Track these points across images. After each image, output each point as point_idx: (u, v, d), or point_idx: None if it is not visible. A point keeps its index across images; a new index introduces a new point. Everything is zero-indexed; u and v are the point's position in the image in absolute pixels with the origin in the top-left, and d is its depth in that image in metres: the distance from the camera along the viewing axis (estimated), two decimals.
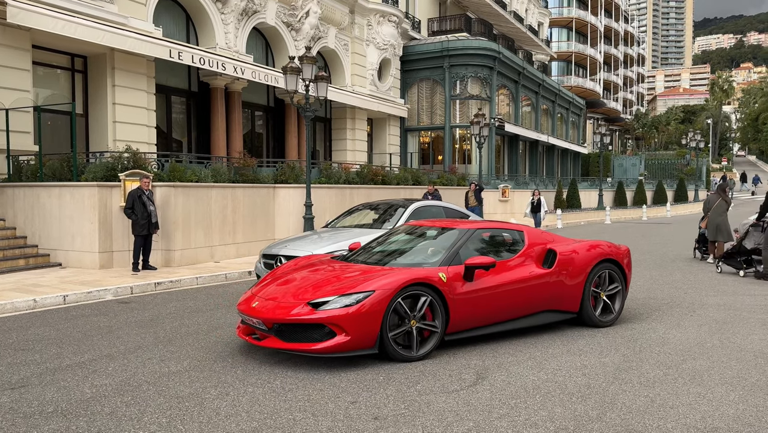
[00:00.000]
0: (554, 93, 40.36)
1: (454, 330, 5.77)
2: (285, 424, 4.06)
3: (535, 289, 6.31)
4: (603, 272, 6.83)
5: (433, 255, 6.23)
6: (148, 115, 15.91)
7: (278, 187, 14.79)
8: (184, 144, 19.05)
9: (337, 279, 5.69)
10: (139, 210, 10.77)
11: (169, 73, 17.76)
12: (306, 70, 13.20)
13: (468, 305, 5.78)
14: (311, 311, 5.22)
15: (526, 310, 6.32)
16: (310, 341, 5.22)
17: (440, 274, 5.68)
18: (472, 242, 6.36)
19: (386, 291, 5.28)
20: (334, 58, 24.07)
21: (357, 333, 5.16)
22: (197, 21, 18.19)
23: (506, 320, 6.18)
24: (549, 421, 4.11)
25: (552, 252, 6.59)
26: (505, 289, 6.07)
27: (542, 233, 6.98)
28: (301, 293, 5.51)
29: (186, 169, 12.91)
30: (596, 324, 6.75)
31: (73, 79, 15.20)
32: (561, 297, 6.52)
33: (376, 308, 5.20)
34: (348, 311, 5.15)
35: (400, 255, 6.50)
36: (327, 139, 25.74)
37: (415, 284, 5.45)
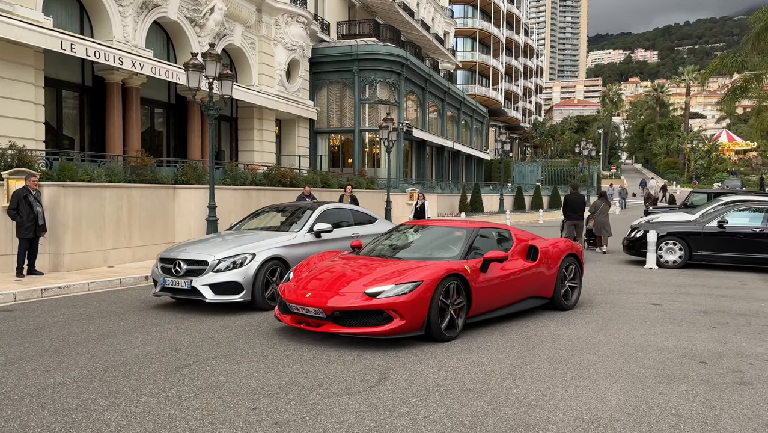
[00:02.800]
0: (459, 101, 41.69)
1: (473, 314, 6.70)
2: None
3: (526, 279, 7.43)
4: (568, 264, 8.16)
5: (446, 250, 7.19)
6: (35, 110, 14.80)
7: (179, 188, 14.23)
8: (76, 141, 17.88)
9: (381, 271, 6.44)
10: (25, 211, 10.01)
11: (61, 67, 16.64)
12: (209, 68, 12.80)
13: (484, 292, 6.74)
14: (369, 299, 5.97)
15: (519, 296, 7.42)
16: (368, 325, 5.98)
17: (465, 266, 6.59)
18: (477, 239, 7.32)
19: (432, 280, 6.11)
20: (241, 57, 23.54)
21: (411, 317, 5.95)
22: (92, 13, 17.16)
23: (506, 305, 7.24)
24: (447, 417, 4.24)
25: (534, 248, 7.75)
26: (508, 279, 7.12)
27: (521, 232, 8.16)
28: (354, 284, 6.23)
29: (77, 168, 12.13)
30: (564, 307, 8.08)
31: None
32: (542, 285, 7.74)
33: (424, 295, 6.02)
34: (404, 298, 5.93)
35: (415, 250, 7.42)
36: (233, 139, 25.09)
37: (450, 275, 6.29)
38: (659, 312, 8.14)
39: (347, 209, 10.94)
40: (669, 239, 13.08)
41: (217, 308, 8.11)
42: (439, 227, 8.08)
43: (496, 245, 7.57)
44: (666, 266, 12.95)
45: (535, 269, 7.57)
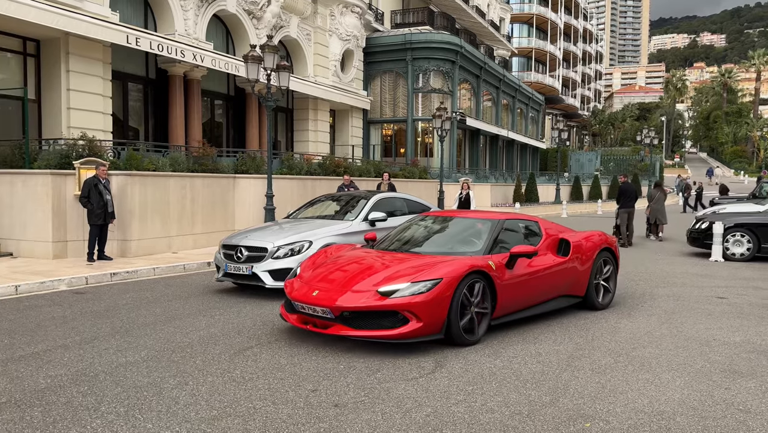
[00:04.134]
0: (514, 88, 40.95)
1: (499, 315, 6.14)
2: (245, 412, 4.07)
3: (557, 275, 6.83)
4: (602, 260, 7.52)
5: (468, 244, 6.61)
6: (103, 102, 15.49)
7: (239, 178, 14.63)
8: (141, 132, 18.62)
9: (397, 267, 5.85)
10: (95, 199, 10.52)
11: (127, 60, 17.32)
12: (267, 59, 13.06)
13: (510, 290, 6.16)
14: (382, 298, 5.38)
15: (549, 295, 6.82)
16: (381, 327, 5.38)
17: (489, 262, 6.00)
18: (502, 232, 6.74)
19: (452, 278, 5.52)
20: (297, 48, 23.86)
21: (429, 319, 5.37)
22: (156, 7, 17.76)
23: (535, 305, 6.65)
24: (504, 406, 4.24)
25: (565, 241, 7.13)
26: (536, 276, 6.54)
27: (551, 224, 7.53)
28: (365, 282, 5.65)
29: (143, 158, 12.64)
30: (597, 307, 7.40)
31: (25, 63, 14.68)
32: (573, 283, 7.11)
33: (444, 294, 5.44)
34: (422, 298, 5.34)
35: (434, 244, 6.84)
36: (289, 129, 25.53)
37: (472, 272, 5.71)
38: (725, 306, 7.84)
39: (402, 198, 10.98)
40: (736, 230, 12.53)
41: (276, 294, 8.33)
42: (462, 218, 7.40)
43: (524, 238, 6.97)
44: (732, 259, 12.43)
45: (566, 264, 6.93)
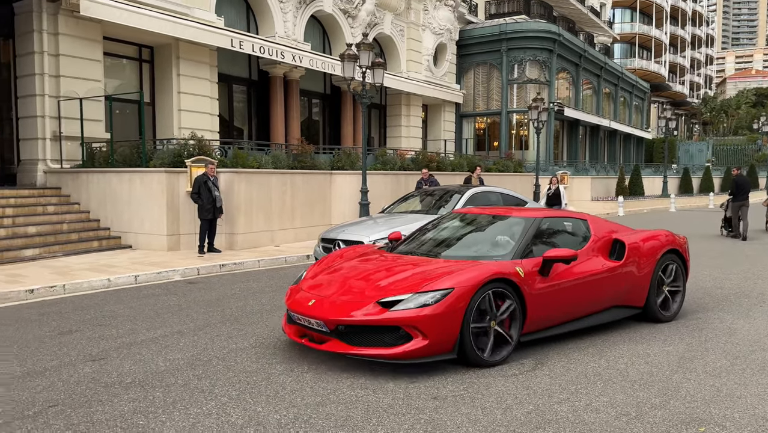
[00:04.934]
0: (617, 76, 39.07)
1: (531, 330, 5.29)
2: (347, 399, 4.20)
3: (607, 283, 5.87)
4: (667, 264, 6.47)
5: (496, 246, 5.75)
6: (211, 104, 16.42)
7: (335, 174, 15.01)
8: (244, 131, 19.56)
9: (405, 274, 5.14)
10: (205, 195, 11.19)
11: (231, 63, 18.23)
12: (363, 57, 13.30)
13: (545, 302, 5.30)
14: (382, 310, 4.68)
15: (597, 306, 5.88)
16: (382, 345, 4.68)
17: (517, 268, 5.16)
18: (538, 233, 5.84)
19: (466, 288, 4.73)
20: (390, 45, 24.08)
21: (436, 336, 4.61)
22: (257, 10, 18.56)
23: (578, 317, 5.74)
24: (610, 407, 4.09)
25: (619, 243, 6.16)
26: (579, 283, 5.62)
27: (605, 222, 6.57)
28: (366, 290, 4.98)
29: (248, 156, 13.27)
30: (659, 319, 6.36)
31: (140, 69, 15.84)
32: (629, 291, 6.11)
33: (455, 306, 4.66)
34: (426, 311, 4.59)
35: (465, 247, 5.96)
36: (382, 125, 25.84)
37: (494, 280, 4.92)
38: None
39: (497, 192, 10.83)
40: None
41: None
42: (494, 216, 6.44)
43: (568, 239, 6.11)
44: None
45: (619, 270, 5.97)
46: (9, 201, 11.84)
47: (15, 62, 13.60)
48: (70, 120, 13.45)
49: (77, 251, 11.33)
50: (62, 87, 13.33)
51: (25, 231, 11.23)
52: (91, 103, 13.55)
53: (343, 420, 3.86)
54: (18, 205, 11.86)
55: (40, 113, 13.25)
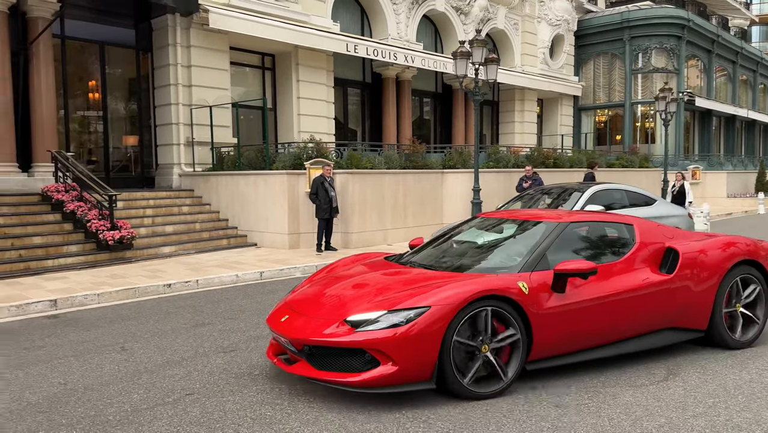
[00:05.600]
0: (755, 62, 35.59)
1: (540, 356, 4.50)
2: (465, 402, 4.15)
3: (650, 301, 4.91)
4: (739, 277, 5.35)
5: (509, 258, 4.90)
6: (327, 107, 16.99)
7: (446, 173, 14.96)
8: (358, 133, 20.04)
9: (384, 289, 4.54)
10: (322, 195, 11.60)
11: (346, 66, 18.74)
12: (476, 54, 13.13)
13: (558, 323, 4.49)
14: (349, 330, 4.13)
15: (638, 328, 4.93)
16: (348, 370, 4.12)
17: (520, 283, 4.40)
18: (564, 241, 5.00)
19: (446, 307, 4.08)
20: (503, 39, 23.59)
21: (408, 362, 4.01)
22: (371, 13, 18.93)
23: (610, 342, 4.83)
24: (755, 424, 3.73)
25: (672, 252, 5.16)
26: (610, 301, 4.72)
27: (659, 227, 5.53)
28: (337, 306, 4.46)
29: (362, 157, 13.58)
30: (729, 345, 5.26)
31: (263, 76, 16.72)
32: (684, 311, 5.09)
33: (431, 329, 4.03)
34: (395, 333, 4.00)
35: (469, 257, 5.23)
36: (494, 122, 25.39)
37: (485, 297, 4.22)
38: None
39: (621, 190, 10.25)
40: None
41: None
42: (514, 220, 5.58)
43: (604, 247, 5.21)
44: None
45: (669, 285, 4.97)
46: (149, 202, 12.97)
47: (153, 74, 14.88)
48: (201, 126, 14.49)
49: (208, 249, 12.17)
50: (194, 96, 14.39)
51: (162, 230, 12.24)
52: (219, 110, 14.51)
53: (462, 422, 3.83)
54: (156, 206, 12.96)
55: (175, 121, 14.39)
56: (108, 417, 4.04)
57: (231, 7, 14.24)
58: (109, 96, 14.57)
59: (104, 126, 14.43)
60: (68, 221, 11.01)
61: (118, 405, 4.25)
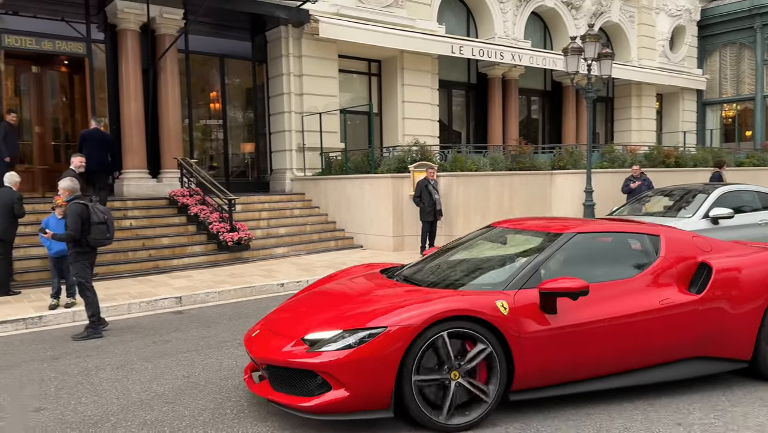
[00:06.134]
0: None
1: (526, 386, 3.95)
2: (578, 418, 3.98)
3: (671, 325, 4.24)
4: None
5: (502, 273, 4.40)
6: (431, 110, 17.01)
7: (555, 174, 14.45)
8: (462, 135, 19.88)
9: (355, 305, 4.21)
10: (426, 198, 11.62)
11: (450, 68, 18.66)
12: (588, 49, 12.57)
13: (549, 348, 3.93)
14: (304, 350, 3.84)
15: (655, 357, 4.27)
16: (304, 393, 3.80)
17: (499, 302, 3.88)
18: (569, 254, 4.48)
19: (405, 328, 3.66)
20: (618, 33, 22.42)
21: (360, 388, 3.66)
22: (477, 13, 18.73)
23: (620, 371, 4.20)
24: None
25: (706, 268, 4.46)
26: (617, 324, 4.10)
27: (694, 239, 4.80)
28: (299, 323, 4.20)
29: (466, 159, 13.46)
30: None
31: (369, 82, 17.05)
32: (717, 337, 4.38)
33: (386, 351, 3.64)
34: (344, 356, 3.66)
35: (462, 272, 4.76)
36: (608, 120, 24.17)
37: (454, 318, 3.74)
38: None
39: (752, 191, 9.41)
40: None
41: None
42: (524, 231, 4.98)
43: (619, 261, 4.63)
44: None
45: (696, 306, 4.30)
46: (264, 206, 13.64)
47: (268, 84, 15.63)
48: (310, 133, 15.03)
49: (317, 250, 12.60)
50: (305, 104, 14.97)
51: (276, 232, 12.83)
52: (327, 116, 14.98)
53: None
54: (271, 209, 13.61)
55: (287, 128, 15.04)
56: (226, 410, 4.29)
57: (339, 16, 14.67)
58: (228, 105, 15.51)
59: (224, 134, 15.38)
60: (192, 223, 11.84)
61: (236, 399, 4.50)
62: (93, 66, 12.87)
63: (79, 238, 6.36)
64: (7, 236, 8.29)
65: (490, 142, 18.44)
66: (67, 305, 7.60)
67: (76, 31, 12.66)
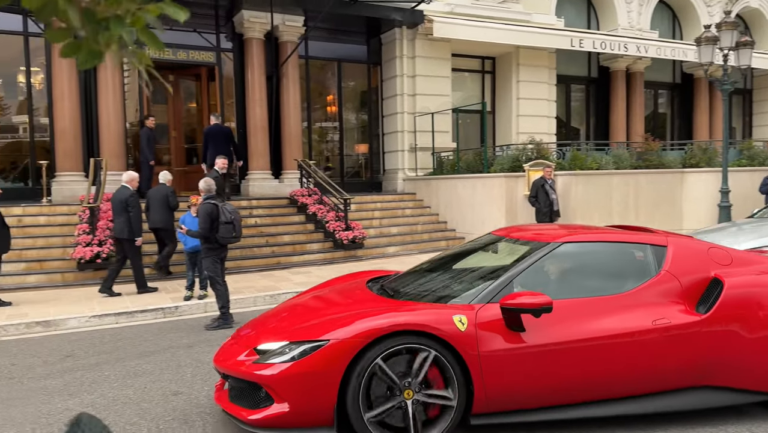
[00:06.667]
0: None
1: (489, 409, 3.61)
2: None
3: (666, 348, 3.72)
4: None
5: (473, 286, 4.07)
6: (548, 106, 16.47)
7: (687, 172, 13.44)
8: (581, 131, 19.05)
9: (314, 315, 4.05)
10: (542, 198, 11.27)
11: (569, 62, 17.95)
12: (724, 38, 11.57)
13: (513, 370, 3.57)
14: (252, 361, 3.71)
15: (647, 384, 3.76)
16: (252, 405, 3.68)
17: (456, 317, 3.56)
18: (553, 266, 4.14)
19: (347, 342, 3.45)
20: (758, 19, 20.42)
21: (300, 403, 3.48)
22: (598, 5, 17.88)
23: (601, 399, 3.74)
24: None
25: (719, 284, 3.88)
26: (598, 345, 3.65)
27: (710, 250, 4.20)
28: (259, 332, 4.04)
29: (587, 157, 12.89)
30: None
31: (483, 79, 16.83)
32: (731, 364, 3.81)
33: (328, 366, 3.44)
34: (284, 369, 3.51)
35: (441, 283, 4.43)
36: (746, 113, 22.10)
37: (404, 332, 3.48)
38: None
39: None
40: None
41: None
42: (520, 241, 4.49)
43: (609, 275, 4.12)
44: None
45: (699, 328, 3.73)
46: (377, 205, 13.91)
47: (381, 86, 15.91)
48: (422, 133, 15.11)
49: (428, 249, 12.62)
50: (417, 104, 15.07)
51: (388, 231, 13.03)
52: (439, 115, 14.98)
53: None
54: (383, 209, 13.84)
55: (400, 129, 15.22)
56: None
57: (453, 15, 14.60)
58: (344, 108, 15.97)
59: (339, 136, 15.86)
60: (310, 222, 12.34)
61: None
62: (222, 74, 13.79)
63: (209, 235, 6.83)
64: (166, 225, 9.10)
65: (612, 139, 17.53)
66: (200, 296, 8.20)
67: (207, 41, 13.62)
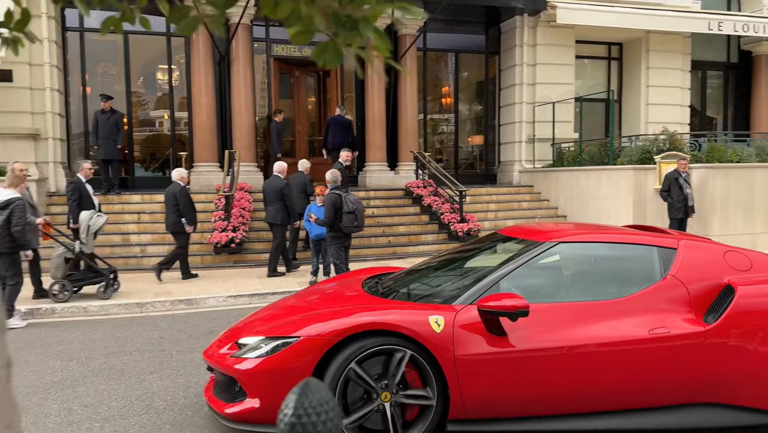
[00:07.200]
0: None
1: (466, 415, 3.43)
2: None
3: (663, 360, 3.43)
4: None
5: (459, 286, 3.88)
6: (681, 94, 15.37)
7: None
8: (718, 121, 17.59)
9: (297, 312, 3.98)
10: (675, 193, 10.52)
11: (705, 47, 16.60)
12: None
13: (493, 375, 3.39)
14: (230, 355, 3.72)
15: (641, 398, 3.48)
16: (229, 399, 3.67)
17: (433, 318, 3.43)
18: (547, 266, 3.93)
19: (317, 339, 3.39)
20: None
21: (270, 400, 3.43)
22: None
23: (591, 411, 3.48)
24: None
25: (730, 291, 3.52)
26: (584, 354, 3.42)
27: (726, 254, 3.80)
28: (245, 326, 4.06)
29: (726, 149, 11.89)
30: None
31: (609, 67, 16.00)
32: (738, 380, 3.47)
33: (297, 363, 3.39)
34: (255, 364, 3.50)
35: (432, 282, 4.29)
36: None
37: (378, 332, 3.37)
38: None
39: None
40: None
41: None
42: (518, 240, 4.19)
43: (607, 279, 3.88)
44: None
45: (702, 339, 3.41)
46: (492, 198, 13.68)
47: (499, 76, 15.59)
48: (541, 123, 14.63)
49: None
50: (537, 94, 14.61)
51: (504, 224, 12.75)
52: (560, 105, 14.43)
53: None
54: (498, 201, 13.59)
55: (518, 119, 14.84)
56: None
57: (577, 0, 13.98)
58: (459, 100, 15.83)
59: (455, 127, 15.75)
60: (425, 213, 12.38)
61: None
62: (342, 68, 14.14)
63: (333, 224, 7.08)
64: (302, 210, 9.29)
65: (755, 129, 16.04)
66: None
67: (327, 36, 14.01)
